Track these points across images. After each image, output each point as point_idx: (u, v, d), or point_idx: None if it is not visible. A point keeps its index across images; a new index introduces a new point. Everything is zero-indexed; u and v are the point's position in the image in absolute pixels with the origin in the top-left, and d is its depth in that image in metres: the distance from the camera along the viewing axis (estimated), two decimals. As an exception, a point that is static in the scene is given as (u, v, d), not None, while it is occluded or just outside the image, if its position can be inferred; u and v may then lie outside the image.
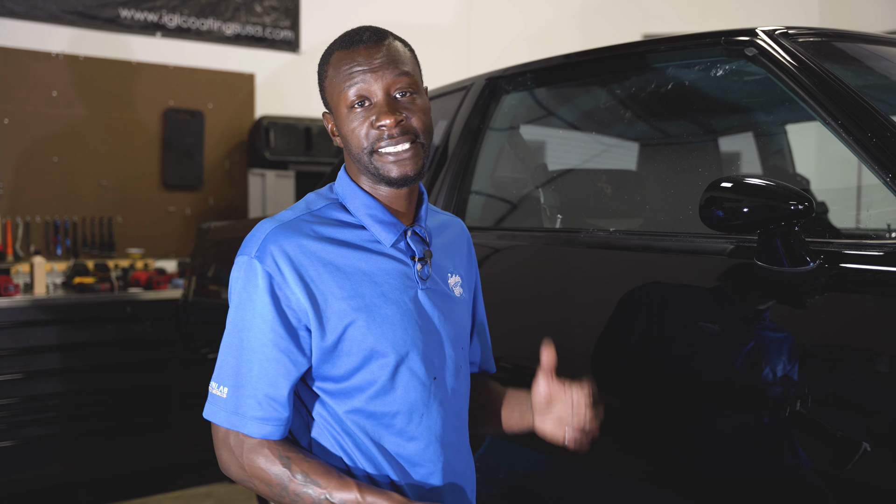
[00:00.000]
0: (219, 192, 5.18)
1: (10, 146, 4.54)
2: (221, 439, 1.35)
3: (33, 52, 4.59)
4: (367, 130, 1.34)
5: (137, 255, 4.82)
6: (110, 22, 4.81)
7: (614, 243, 1.95)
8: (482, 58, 6.09)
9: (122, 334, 4.28)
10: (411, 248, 1.41)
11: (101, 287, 4.36)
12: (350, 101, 1.35)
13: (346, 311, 1.32)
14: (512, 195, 2.58)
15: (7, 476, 3.99)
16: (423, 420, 1.37)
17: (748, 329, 1.59)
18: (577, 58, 2.23)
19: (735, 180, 1.53)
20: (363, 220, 1.39)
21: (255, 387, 1.31)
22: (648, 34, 6.37)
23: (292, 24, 5.45)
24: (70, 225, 4.69)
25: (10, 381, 3.98)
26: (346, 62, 1.36)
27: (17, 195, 4.56)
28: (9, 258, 4.47)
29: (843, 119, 1.59)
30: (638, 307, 1.81)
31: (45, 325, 4.08)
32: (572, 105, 2.59)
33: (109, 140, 4.82)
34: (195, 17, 5.09)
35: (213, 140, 5.15)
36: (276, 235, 1.32)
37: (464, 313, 1.50)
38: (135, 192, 4.92)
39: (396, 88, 1.35)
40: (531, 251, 2.18)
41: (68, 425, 4.15)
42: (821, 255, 1.51)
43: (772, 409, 1.54)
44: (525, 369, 1.95)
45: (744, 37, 1.85)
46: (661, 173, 2.56)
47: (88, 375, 4.19)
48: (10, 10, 4.52)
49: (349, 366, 1.33)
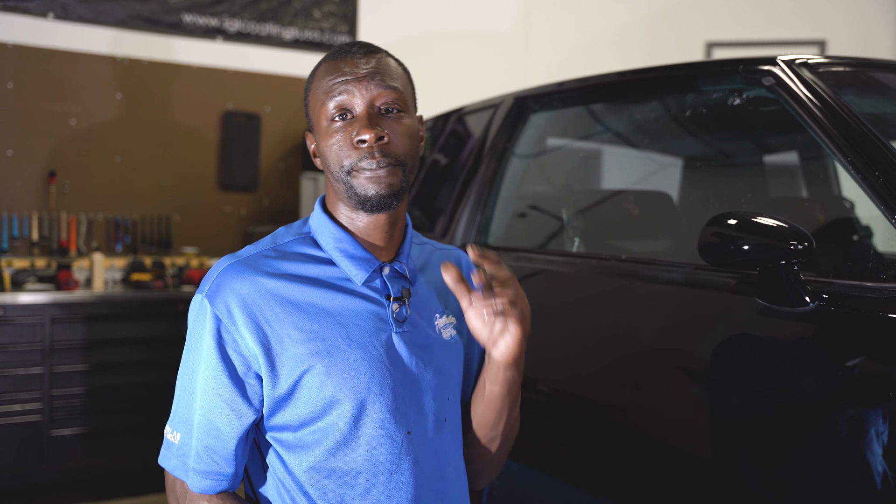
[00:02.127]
0: (273, 193, 5.30)
1: (76, 146, 4.73)
2: (170, 487, 1.29)
3: (100, 56, 4.77)
4: (346, 147, 1.21)
5: (192, 254, 4.96)
6: (173, 27, 4.97)
7: (626, 271, 1.94)
8: (539, 66, 6.07)
9: (175, 331, 4.42)
10: (387, 287, 1.27)
11: (155, 285, 4.51)
12: (330, 114, 1.22)
13: (303, 356, 1.19)
14: (535, 215, 2.59)
15: (66, 462, 4.16)
16: (393, 480, 1.22)
17: (752, 364, 1.58)
18: (601, 80, 2.23)
19: (736, 216, 1.52)
20: (333, 256, 1.26)
21: (197, 437, 1.22)
22: (712, 41, 6.25)
23: (350, 29, 5.53)
24: (130, 223, 4.87)
25: (69, 372, 4.15)
26: (329, 73, 1.24)
27: (82, 193, 4.75)
28: (72, 254, 4.66)
29: (851, 155, 1.56)
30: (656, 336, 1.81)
31: (102, 320, 4.25)
32: (596, 127, 2.58)
33: (169, 141, 4.98)
34: (255, 22, 5.21)
35: (269, 143, 5.27)
36: (230, 273, 1.21)
37: (453, 359, 1.34)
38: (192, 193, 5.06)
39: (381, 102, 1.22)
40: (543, 275, 2.19)
41: (122, 416, 4.30)
42: (824, 295, 1.49)
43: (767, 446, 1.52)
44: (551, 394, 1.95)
45: (763, 65, 1.82)
46: (696, 197, 2.54)
47: (142, 370, 4.34)
48: (81, 16, 4.71)
49: (305, 415, 1.20)
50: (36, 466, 4.08)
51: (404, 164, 1.23)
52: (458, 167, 2.62)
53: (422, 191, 2.85)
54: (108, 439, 4.27)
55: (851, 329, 1.44)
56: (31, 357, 4.06)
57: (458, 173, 2.58)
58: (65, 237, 4.66)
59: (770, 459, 1.49)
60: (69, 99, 4.70)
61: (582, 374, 1.97)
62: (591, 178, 2.69)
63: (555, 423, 2.02)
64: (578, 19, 6.31)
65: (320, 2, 5.42)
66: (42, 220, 4.62)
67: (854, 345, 1.45)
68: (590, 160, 2.72)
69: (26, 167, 4.59)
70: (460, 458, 1.36)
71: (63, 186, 4.68)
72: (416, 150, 1.27)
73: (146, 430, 4.35)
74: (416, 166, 1.28)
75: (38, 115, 4.62)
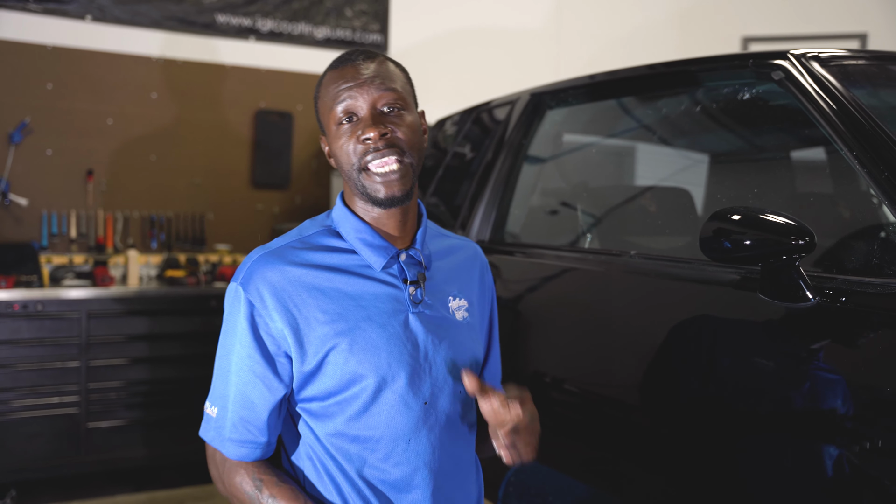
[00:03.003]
0: (305, 191, 5.36)
1: (112, 145, 4.83)
2: (210, 456, 1.42)
3: (135, 57, 4.87)
4: (354, 146, 1.34)
5: (225, 251, 5.04)
6: (207, 27, 5.05)
7: (633, 267, 1.94)
8: (572, 61, 6.04)
9: (207, 327, 4.49)
10: (404, 272, 1.40)
11: (188, 281, 4.59)
12: (338, 118, 1.35)
13: (328, 335, 1.32)
14: (551, 211, 2.59)
15: (101, 454, 4.26)
16: (411, 445, 1.35)
17: (755, 361, 1.56)
18: (613, 76, 2.22)
19: (738, 212, 1.51)
20: (354, 245, 1.39)
21: (233, 410, 1.35)
22: (748, 36, 6.15)
23: (381, 27, 5.57)
24: (165, 220, 4.96)
25: (105, 366, 4.25)
26: (335, 80, 1.37)
27: (118, 191, 4.85)
28: (108, 250, 4.77)
29: (857, 149, 1.53)
30: (671, 336, 1.80)
31: (136, 315, 4.34)
32: (610, 122, 2.57)
33: (203, 140, 5.07)
34: (287, 22, 5.27)
35: (301, 141, 5.33)
36: (261, 263, 1.34)
37: (467, 337, 1.46)
38: (225, 191, 5.14)
39: (383, 103, 1.34)
40: (554, 271, 2.19)
41: (155, 410, 4.39)
42: (828, 291, 1.47)
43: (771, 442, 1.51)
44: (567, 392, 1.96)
45: (773, 59, 1.80)
46: (721, 193, 2.51)
47: (175, 364, 4.42)
48: (117, 17, 4.81)
49: (330, 388, 1.33)
50: (73, 458, 4.19)
51: (409, 156, 1.36)
52: (476, 163, 2.63)
53: (442, 186, 2.86)
54: (142, 432, 4.36)
55: (854, 324, 1.42)
56: (69, 351, 4.16)
57: (477, 169, 2.59)
58: (102, 234, 4.77)
59: (783, 459, 1.48)
60: (106, 99, 4.81)
61: (598, 372, 1.97)
62: (607, 174, 2.68)
63: (568, 420, 2.02)
64: (612, 15, 6.26)
65: (352, 1, 5.46)
66: (80, 218, 4.73)
67: (857, 340, 1.43)
68: (605, 156, 2.71)
69: (65, 166, 4.71)
70: (474, 425, 1.48)
71: (100, 185, 4.79)
72: (419, 141, 1.39)
73: (180, 424, 4.43)
74: (421, 157, 1.41)
75: (77, 115, 4.73)
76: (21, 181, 4.59)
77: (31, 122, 4.59)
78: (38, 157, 4.64)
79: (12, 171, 4.56)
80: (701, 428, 1.67)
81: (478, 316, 1.52)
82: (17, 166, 4.58)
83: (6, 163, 4.54)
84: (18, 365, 4.04)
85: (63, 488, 4.16)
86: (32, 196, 4.61)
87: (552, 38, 6.12)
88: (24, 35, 4.60)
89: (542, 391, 2.08)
